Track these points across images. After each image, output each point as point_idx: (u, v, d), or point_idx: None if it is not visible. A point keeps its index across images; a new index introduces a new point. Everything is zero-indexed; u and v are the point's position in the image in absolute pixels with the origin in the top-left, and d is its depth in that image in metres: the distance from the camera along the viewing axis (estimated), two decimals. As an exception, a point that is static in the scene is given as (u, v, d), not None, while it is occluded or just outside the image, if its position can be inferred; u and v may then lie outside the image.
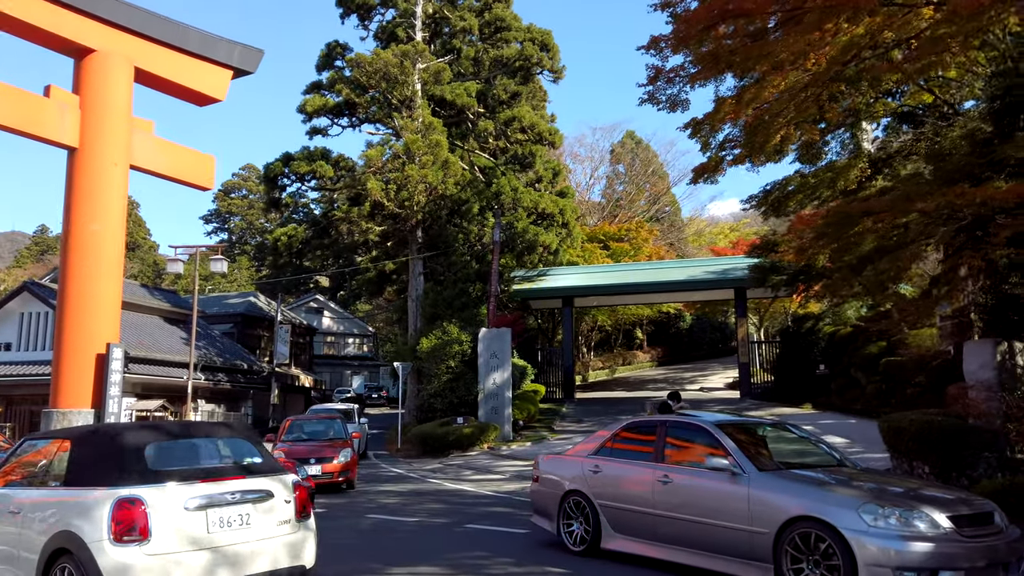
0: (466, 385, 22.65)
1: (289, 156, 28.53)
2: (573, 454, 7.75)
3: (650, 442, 6.75)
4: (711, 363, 47.89)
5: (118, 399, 20.63)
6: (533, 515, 8.05)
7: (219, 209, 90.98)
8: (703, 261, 32.16)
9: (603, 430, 7.89)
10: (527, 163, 29.60)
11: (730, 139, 13.88)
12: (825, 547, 5.06)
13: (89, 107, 19.01)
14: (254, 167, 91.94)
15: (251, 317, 33.22)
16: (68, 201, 19.35)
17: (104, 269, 20.16)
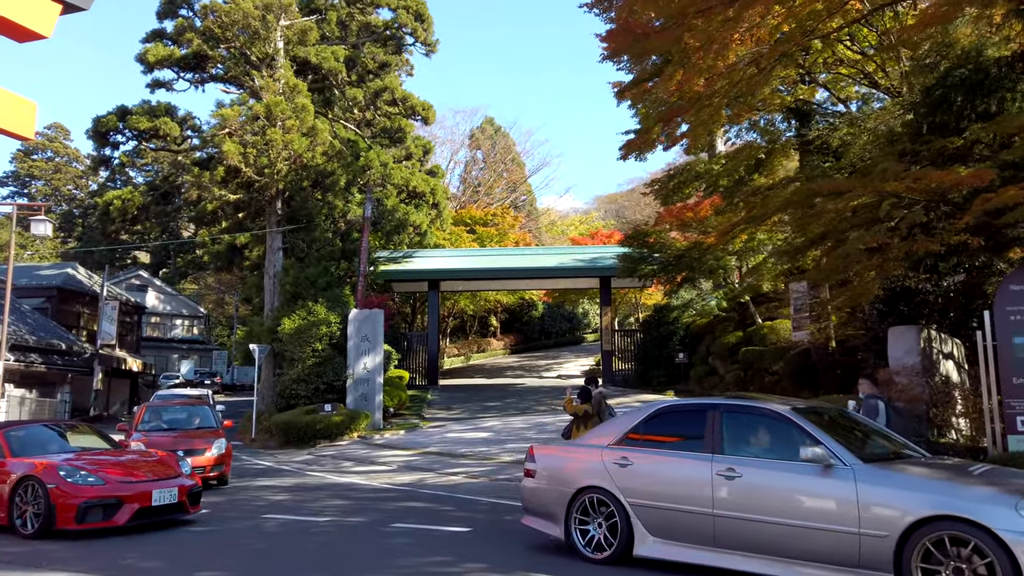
0: (334, 370, 21.04)
1: (125, 110, 25.12)
2: (585, 444, 6.61)
3: (698, 430, 5.79)
4: (562, 351, 48.80)
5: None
6: (526, 517, 6.84)
7: (18, 171, 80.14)
8: (572, 249, 32.39)
9: (623, 417, 6.70)
10: (397, 138, 28.16)
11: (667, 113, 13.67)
12: (970, 552, 4.31)
13: None
14: (61, 126, 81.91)
15: (69, 291, 29.06)
16: None
17: None
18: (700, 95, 9.08)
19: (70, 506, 7.44)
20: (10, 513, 7.75)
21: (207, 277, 74.16)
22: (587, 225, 54.44)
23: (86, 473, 7.77)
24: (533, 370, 37.90)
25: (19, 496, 7.71)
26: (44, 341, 24.69)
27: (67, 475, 7.66)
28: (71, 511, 7.43)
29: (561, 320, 51.80)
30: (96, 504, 7.54)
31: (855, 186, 7.19)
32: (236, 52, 25.05)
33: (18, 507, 7.70)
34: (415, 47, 28.85)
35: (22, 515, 7.66)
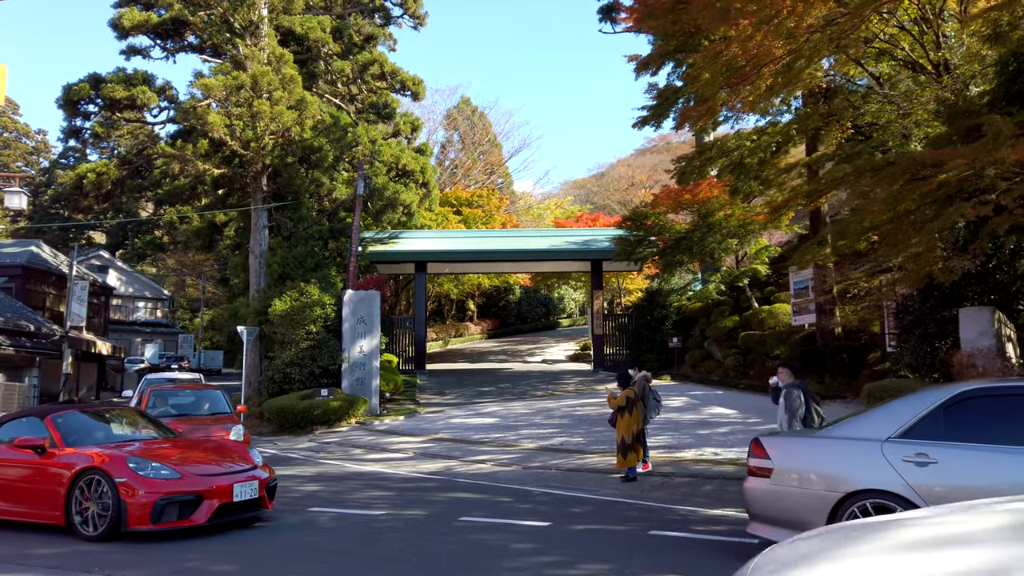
0: (330, 353, 20.16)
1: (98, 78, 23.66)
2: (845, 437, 5.35)
3: None
4: (540, 336, 48.36)
5: None
6: (756, 524, 5.64)
7: (-39, 146, 76.40)
8: (563, 231, 31.81)
9: (896, 404, 5.38)
10: (386, 114, 27.16)
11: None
12: None
13: None
14: (11, 100, 78.14)
15: (35, 270, 27.45)
16: None
17: None
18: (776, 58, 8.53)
19: (144, 503, 6.50)
20: (67, 512, 6.76)
21: (167, 258, 71.87)
22: (562, 209, 53.96)
23: (159, 465, 6.82)
24: (516, 355, 37.36)
25: (80, 492, 6.71)
26: (12, 323, 23.21)
27: (137, 467, 6.71)
28: (145, 509, 6.48)
29: (537, 305, 51.33)
30: (174, 501, 6.61)
31: (963, 155, 6.74)
32: (218, 19, 23.73)
33: (78, 504, 6.71)
34: (403, 19, 27.78)
35: (83, 513, 6.68)
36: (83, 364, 28.43)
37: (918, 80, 13.29)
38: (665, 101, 17.01)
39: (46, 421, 7.47)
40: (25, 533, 6.98)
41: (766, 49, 8.24)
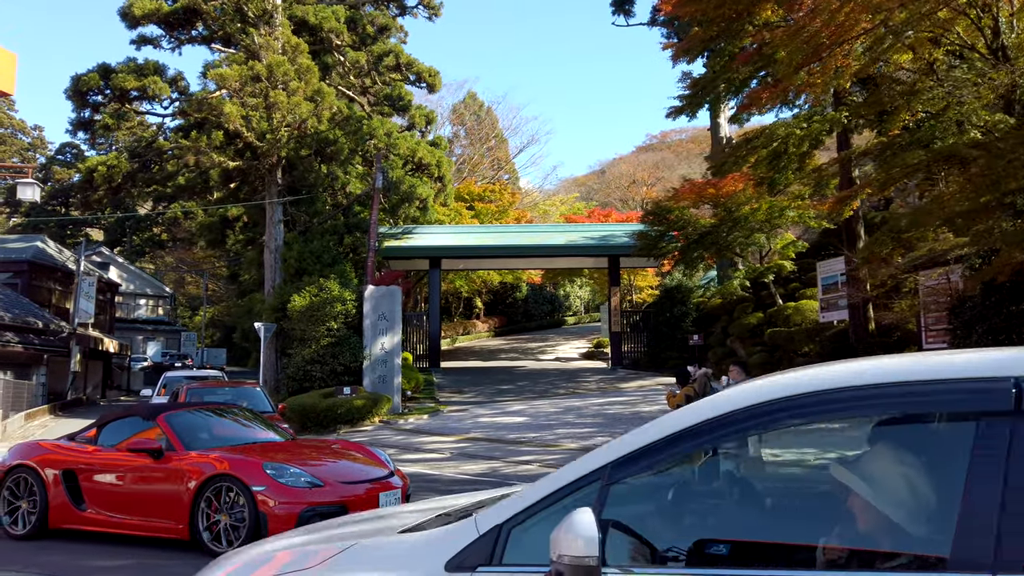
0: (351, 350, 19.63)
1: (108, 68, 23.07)
2: None
3: None
4: (548, 334, 47.85)
5: None
6: None
7: (-48, 143, 75.50)
8: (581, 227, 31.32)
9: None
10: (401, 106, 26.60)
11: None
12: None
13: None
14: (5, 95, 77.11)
15: (41, 266, 26.79)
16: None
17: None
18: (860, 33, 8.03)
19: (285, 515, 5.70)
20: (192, 524, 5.98)
21: (166, 255, 71.09)
22: (568, 206, 53.51)
23: (299, 471, 6.07)
24: (527, 353, 36.85)
25: (207, 503, 5.97)
26: (20, 319, 22.58)
27: (277, 474, 5.93)
28: (287, 523, 5.54)
29: (544, 303, 50.85)
30: (317, 512, 5.74)
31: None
32: (231, 7, 23.15)
33: (206, 517, 5.96)
34: (419, 9, 27.19)
35: (212, 528, 5.93)
36: (90, 362, 27.82)
37: (974, 67, 12.82)
38: (701, 90, 16.52)
39: (159, 421, 6.72)
40: (141, 548, 6.29)
41: (853, 21, 7.75)
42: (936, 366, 1.71)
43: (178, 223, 56.39)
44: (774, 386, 1.79)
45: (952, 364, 1.73)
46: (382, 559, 2.06)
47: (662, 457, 1.85)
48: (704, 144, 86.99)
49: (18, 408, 20.62)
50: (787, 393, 1.75)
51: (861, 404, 1.73)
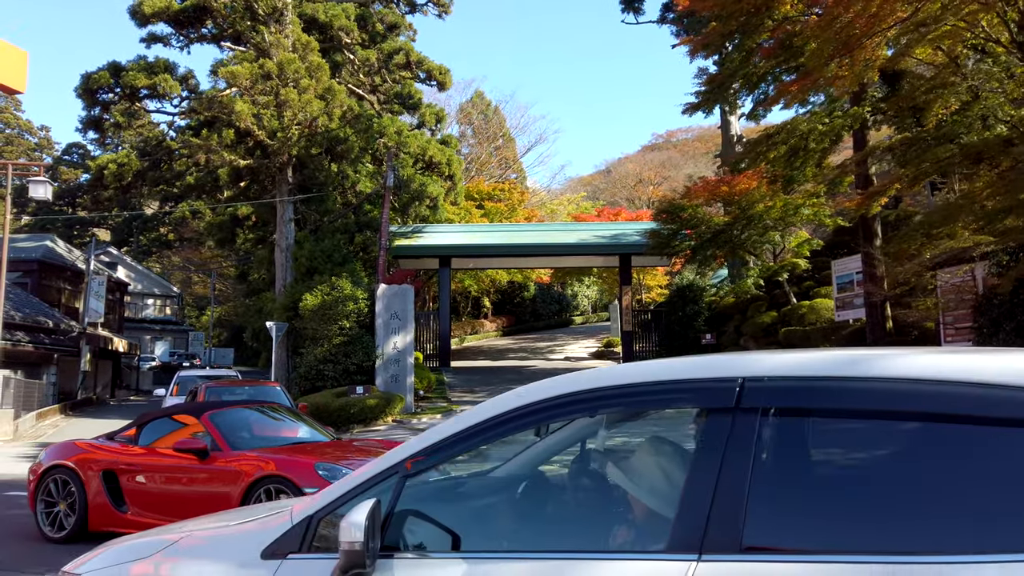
0: (364, 349, 19.50)
1: (119, 67, 22.97)
2: None
3: None
4: (556, 333, 47.63)
5: None
6: None
7: (-48, 145, 75.68)
8: (592, 226, 31.15)
9: None
10: (411, 105, 26.47)
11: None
12: None
13: None
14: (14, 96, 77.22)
15: (50, 265, 26.72)
16: None
17: None
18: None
19: None
20: None
21: (173, 256, 71.10)
22: (575, 205, 53.32)
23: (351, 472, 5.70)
24: (536, 352, 36.66)
25: (257, 503, 5.69)
26: (30, 318, 22.49)
27: (329, 475, 5.65)
28: None
29: (552, 302, 50.68)
30: None
31: None
32: (240, 5, 23.04)
33: None
34: (428, 6, 27.06)
35: None
36: (99, 362, 27.75)
37: (999, 61, 12.63)
38: (719, 86, 16.34)
39: (203, 420, 6.53)
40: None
41: (887, 11, 7.57)
42: (675, 369, 1.86)
43: (185, 223, 56.37)
44: (539, 389, 1.96)
45: (691, 366, 1.87)
46: (207, 549, 2.22)
47: (454, 451, 2.00)
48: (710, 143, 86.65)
49: (29, 408, 20.54)
50: (548, 395, 1.92)
51: (606, 403, 1.91)
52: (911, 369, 1.60)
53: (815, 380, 1.67)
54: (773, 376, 1.69)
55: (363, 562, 1.73)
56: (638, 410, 2.00)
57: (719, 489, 1.59)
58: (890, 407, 1.60)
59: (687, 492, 1.67)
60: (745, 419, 1.63)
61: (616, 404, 1.95)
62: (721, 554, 1.53)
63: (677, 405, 1.90)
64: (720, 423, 1.68)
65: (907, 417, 1.61)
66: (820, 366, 1.70)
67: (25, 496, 7.42)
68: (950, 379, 1.54)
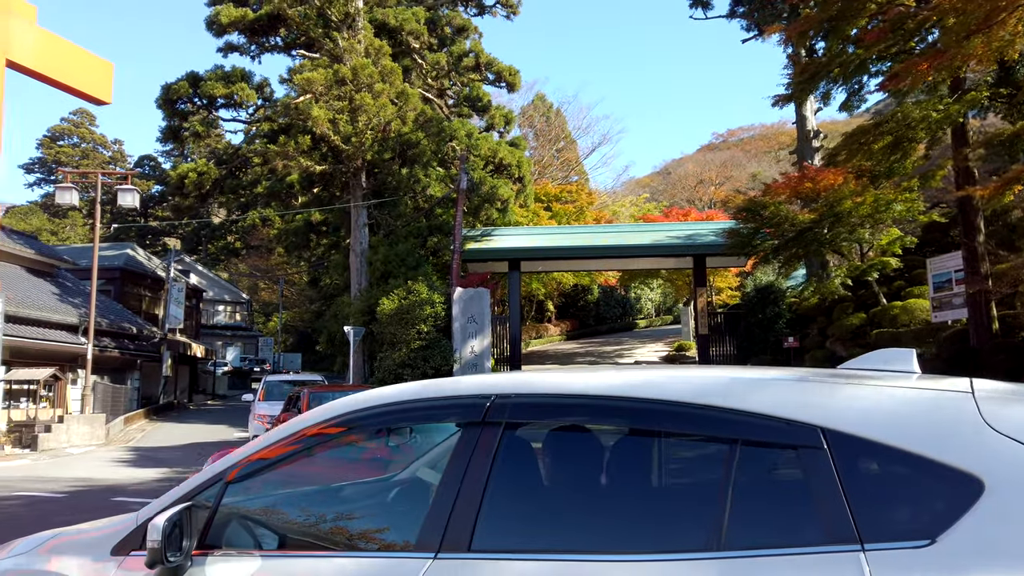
0: (442, 353, 19.30)
1: (197, 77, 23.38)
2: None
3: None
4: (621, 337, 46.90)
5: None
6: None
7: (44, 158, 79.07)
8: (663, 226, 30.46)
9: None
10: (480, 107, 26.28)
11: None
12: None
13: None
14: (87, 112, 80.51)
15: (132, 273, 27.44)
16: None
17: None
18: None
19: None
20: None
21: (240, 263, 72.89)
22: (637, 207, 52.53)
23: None
24: (604, 356, 36.08)
25: None
26: (116, 325, 23.05)
27: None
28: None
29: (615, 305, 49.99)
30: None
31: None
32: (314, 12, 23.22)
33: None
34: (497, 7, 26.83)
35: None
36: (178, 367, 28.33)
37: None
38: (812, 76, 15.57)
39: None
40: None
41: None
42: (463, 386, 2.04)
43: (253, 231, 57.63)
44: (354, 400, 2.17)
45: (465, 384, 2.04)
46: (72, 545, 2.46)
47: (268, 463, 2.22)
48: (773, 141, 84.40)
49: (116, 412, 20.99)
50: (358, 407, 2.14)
51: (403, 416, 2.14)
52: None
53: (538, 397, 1.88)
54: (519, 393, 1.88)
55: (162, 559, 1.95)
56: (419, 423, 2.29)
57: (462, 493, 1.75)
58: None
59: (437, 497, 1.83)
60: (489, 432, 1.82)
61: (399, 418, 2.16)
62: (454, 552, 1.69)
63: (448, 419, 2.10)
64: (470, 435, 1.87)
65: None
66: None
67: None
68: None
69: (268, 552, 2.05)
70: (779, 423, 1.56)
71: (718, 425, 1.61)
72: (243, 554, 2.04)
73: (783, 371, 1.89)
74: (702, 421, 1.64)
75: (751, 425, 1.58)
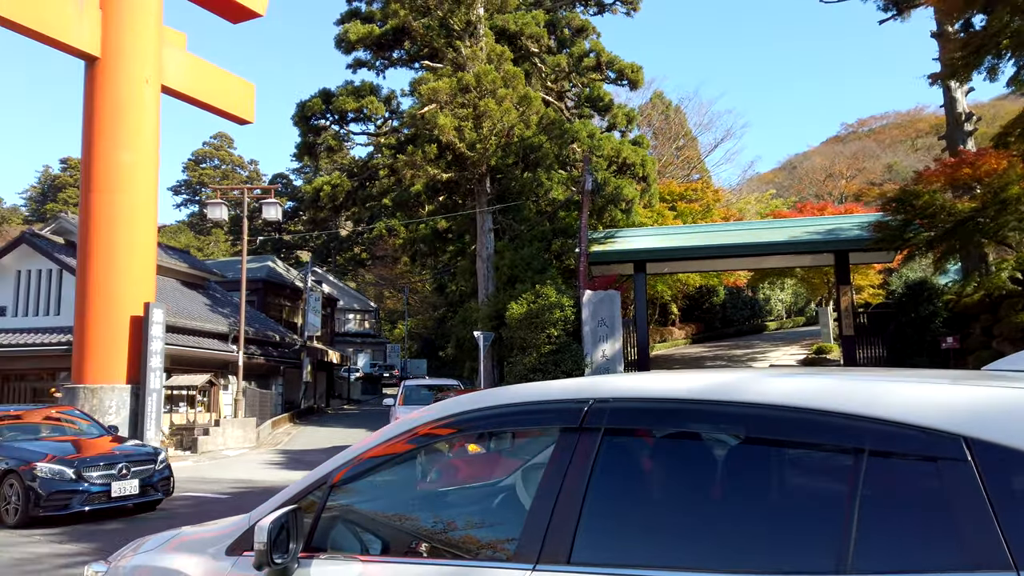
0: (572, 357, 19.03)
1: (329, 93, 24.35)
2: None
3: None
4: (750, 340, 44.96)
5: (159, 372, 16.35)
6: None
7: (189, 180, 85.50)
8: (801, 221, 28.91)
9: None
10: (602, 107, 25.87)
11: None
12: None
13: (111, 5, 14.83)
14: (226, 135, 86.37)
15: (273, 283, 28.92)
16: (88, 127, 14.96)
17: (137, 211, 15.86)
18: None
19: None
20: None
21: (366, 273, 75.87)
22: (763, 203, 50.32)
23: None
24: (734, 360, 34.62)
25: None
26: (260, 333, 24.32)
27: None
28: None
29: (743, 307, 48.03)
30: None
31: None
32: (436, 23, 23.63)
33: None
34: (617, 5, 26.36)
35: None
36: (316, 372, 29.55)
37: None
38: (976, 51, 14.16)
39: None
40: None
41: None
42: (543, 390, 2.02)
43: (378, 242, 59.77)
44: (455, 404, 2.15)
45: (559, 388, 1.97)
46: (192, 544, 2.54)
47: (373, 465, 2.25)
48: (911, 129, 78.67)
49: (263, 416, 22.09)
50: (459, 409, 2.12)
51: (489, 422, 2.10)
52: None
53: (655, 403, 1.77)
54: (619, 397, 1.80)
55: (269, 561, 1.99)
56: (515, 429, 2.20)
57: (560, 502, 1.70)
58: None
59: (534, 506, 1.78)
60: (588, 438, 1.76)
61: (507, 421, 2.08)
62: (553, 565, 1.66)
63: (541, 424, 2.02)
64: (568, 441, 1.80)
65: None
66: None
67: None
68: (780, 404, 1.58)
69: (372, 557, 2.08)
70: (915, 431, 1.43)
71: (844, 434, 1.48)
72: (348, 558, 2.07)
73: (918, 372, 1.77)
74: (826, 429, 1.51)
75: (882, 434, 1.45)
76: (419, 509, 2.39)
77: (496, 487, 2.52)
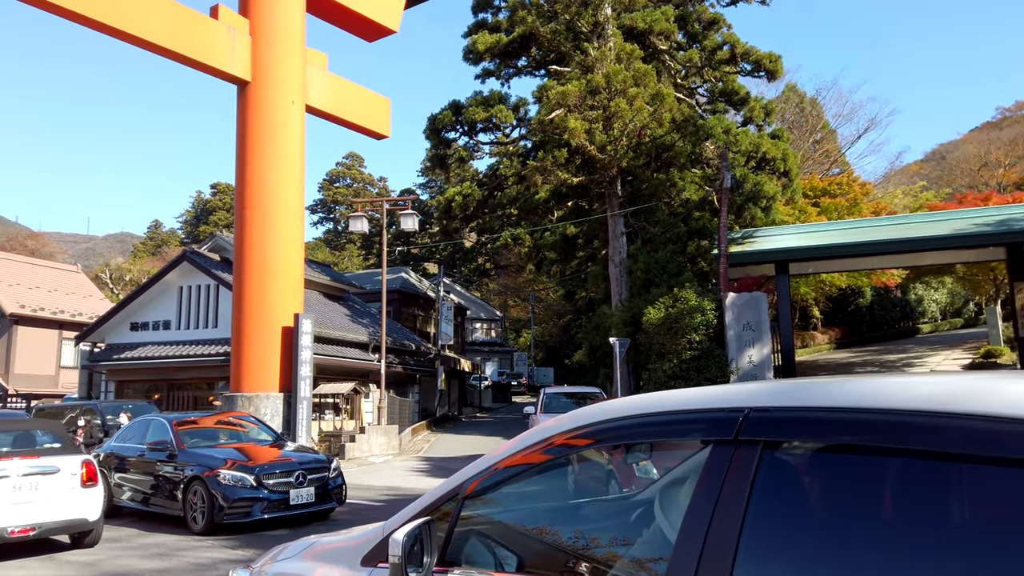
0: (717, 364, 18.09)
1: (459, 105, 24.60)
2: None
3: None
4: (902, 344, 41.67)
5: (308, 380, 16.91)
6: None
7: (324, 199, 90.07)
8: (965, 212, 26.44)
9: None
10: (737, 100, 24.69)
11: None
12: None
13: (260, 32, 15.50)
14: (357, 155, 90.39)
15: (407, 294, 29.64)
16: (241, 148, 15.64)
17: (286, 226, 16.42)
18: None
19: None
20: None
21: (489, 283, 76.94)
22: (912, 196, 46.65)
23: None
24: (887, 366, 32.07)
25: None
26: (398, 343, 24.89)
27: None
28: None
29: (892, 308, 44.66)
30: None
31: None
32: (563, 27, 23.38)
33: None
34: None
35: None
36: (449, 381, 29.94)
37: None
38: None
39: None
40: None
41: None
42: (689, 399, 1.83)
43: (501, 251, 60.38)
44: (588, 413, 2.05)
45: (709, 395, 1.81)
46: (328, 553, 2.57)
47: (508, 476, 2.14)
48: (1084, 108, 70.64)
49: (403, 424, 22.52)
50: (591, 421, 2.00)
51: (630, 432, 1.93)
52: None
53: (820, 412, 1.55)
54: (781, 406, 1.63)
55: (404, 574, 1.94)
56: (659, 441, 2.03)
57: (715, 520, 1.54)
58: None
59: (686, 524, 1.63)
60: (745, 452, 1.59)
61: (650, 432, 1.92)
62: None
63: (686, 436, 1.87)
64: (722, 454, 1.63)
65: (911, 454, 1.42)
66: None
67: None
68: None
69: (507, 574, 2.00)
70: None
71: None
72: (483, 574, 2.01)
73: None
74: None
75: None
76: (555, 523, 2.28)
77: (631, 501, 2.38)
